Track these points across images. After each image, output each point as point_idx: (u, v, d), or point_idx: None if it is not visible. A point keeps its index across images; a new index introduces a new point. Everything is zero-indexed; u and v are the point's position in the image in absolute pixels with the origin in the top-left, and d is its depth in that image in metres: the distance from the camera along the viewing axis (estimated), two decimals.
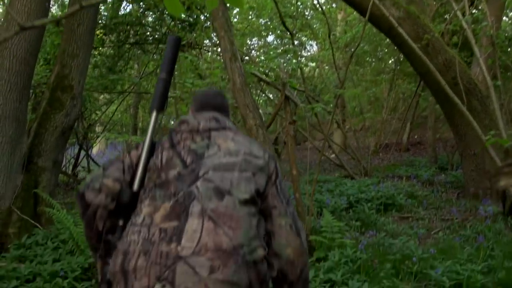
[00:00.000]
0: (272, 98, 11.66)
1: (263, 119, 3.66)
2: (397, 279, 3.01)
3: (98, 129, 11.71)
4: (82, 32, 5.35)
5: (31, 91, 5.72)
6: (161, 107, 1.45)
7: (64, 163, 11.22)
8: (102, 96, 12.28)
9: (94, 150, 19.02)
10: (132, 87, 11.11)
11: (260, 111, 3.43)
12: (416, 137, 14.22)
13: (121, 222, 1.31)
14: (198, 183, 1.25)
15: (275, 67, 4.07)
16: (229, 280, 1.09)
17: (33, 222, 4.44)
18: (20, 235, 4.29)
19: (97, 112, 11.10)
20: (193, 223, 1.16)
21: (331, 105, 9.87)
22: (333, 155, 9.94)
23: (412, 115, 12.82)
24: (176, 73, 6.60)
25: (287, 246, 1.28)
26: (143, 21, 9.03)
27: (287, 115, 3.74)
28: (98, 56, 9.28)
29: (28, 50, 4.67)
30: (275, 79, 4.84)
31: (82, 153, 10.79)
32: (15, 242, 4.04)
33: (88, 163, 10.80)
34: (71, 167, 10.88)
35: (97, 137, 11.29)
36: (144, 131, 14.20)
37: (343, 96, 10.64)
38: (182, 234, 1.14)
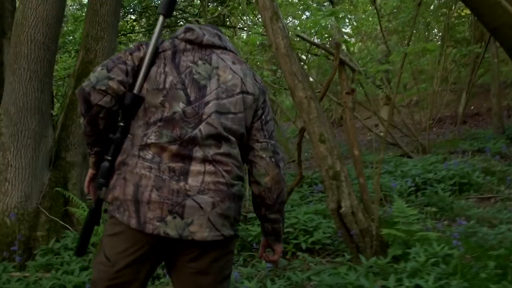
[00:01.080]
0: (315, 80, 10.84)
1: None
2: (507, 282, 2.31)
3: None
4: (105, 12, 4.86)
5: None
6: (168, 12, 1.46)
7: None
8: None
9: None
10: None
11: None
12: (472, 108, 12.98)
13: (122, 123, 1.39)
14: (201, 127, 1.33)
15: (322, 30, 3.42)
16: (224, 213, 1.32)
17: (63, 223, 4.04)
18: (49, 238, 3.90)
19: None
20: (196, 166, 1.31)
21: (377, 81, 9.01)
22: (382, 134, 9.11)
23: (468, 84, 11.65)
24: None
25: (266, 175, 1.43)
26: None
27: (343, 83, 3.07)
28: (129, 43, 8.88)
29: (47, 34, 4.22)
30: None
31: None
32: (42, 247, 3.64)
33: None
34: None
35: None
36: None
37: (387, 72, 9.72)
38: (188, 175, 1.30)
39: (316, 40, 4.53)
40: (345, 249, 3.34)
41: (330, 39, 2.73)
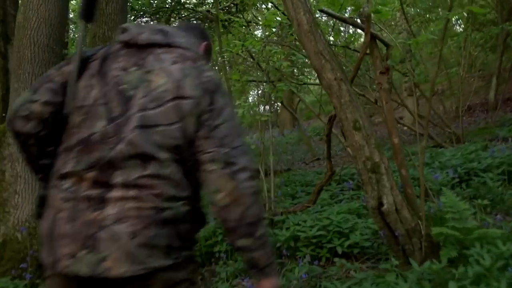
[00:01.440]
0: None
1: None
2: None
3: None
4: (111, 11, 4.61)
5: None
6: (87, 17, 1.32)
7: None
8: None
9: None
10: None
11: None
12: (504, 93, 12.29)
13: (51, 148, 1.26)
14: (121, 147, 1.14)
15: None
16: (150, 242, 1.10)
17: None
18: None
19: None
20: (117, 192, 1.12)
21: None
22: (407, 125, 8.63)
23: (498, 68, 11.01)
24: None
25: (218, 191, 1.16)
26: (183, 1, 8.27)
27: (376, 62, 2.68)
28: None
29: (50, 35, 3.98)
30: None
31: None
32: None
33: None
34: None
35: None
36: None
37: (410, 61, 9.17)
38: (106, 203, 1.11)
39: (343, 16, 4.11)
40: (387, 253, 2.95)
41: (361, 9, 2.35)
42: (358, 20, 2.84)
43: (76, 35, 9.57)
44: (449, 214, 2.60)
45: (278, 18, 3.63)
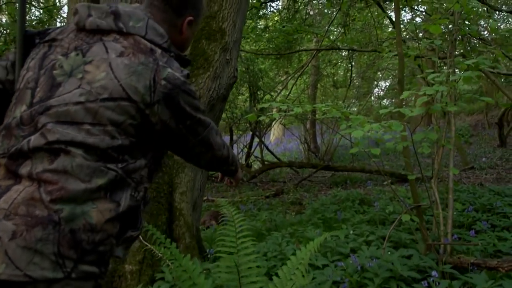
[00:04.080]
0: None
1: None
2: None
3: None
4: None
5: None
6: None
7: (235, 153, 10.08)
8: (277, 75, 10.68)
9: (272, 138, 18.11)
10: (309, 60, 9.11)
11: None
12: None
13: None
14: (33, 137, 1.06)
15: None
16: (31, 246, 0.98)
17: (163, 253, 2.70)
18: (141, 275, 2.59)
19: (272, 93, 9.51)
20: (19, 184, 1.04)
21: None
22: None
23: None
24: None
25: (200, 160, 1.36)
26: None
27: None
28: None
29: None
30: None
31: (256, 141, 9.32)
32: None
33: (262, 152, 9.26)
34: (244, 157, 9.58)
35: (272, 122, 9.67)
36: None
37: None
38: (3, 196, 1.02)
39: None
40: None
41: None
42: None
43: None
44: None
45: None
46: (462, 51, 4.34)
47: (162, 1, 1.24)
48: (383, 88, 16.94)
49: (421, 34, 6.10)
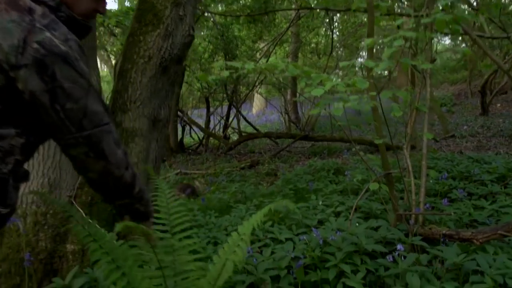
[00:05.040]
0: None
1: None
2: None
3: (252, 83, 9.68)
4: None
5: None
6: None
7: (212, 124, 9.77)
8: (255, 44, 10.27)
9: (254, 110, 17.76)
10: (288, 26, 8.72)
11: None
12: None
13: None
14: None
15: None
16: None
17: (112, 231, 2.44)
18: (84, 256, 2.34)
19: (249, 61, 9.14)
20: None
21: None
22: None
23: None
24: None
25: (88, 171, 1.18)
26: None
27: None
28: None
29: None
30: None
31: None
32: (58, 282, 2.09)
33: (239, 122, 8.98)
34: (221, 129, 9.29)
35: (249, 92, 9.36)
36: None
37: None
38: None
39: None
40: None
41: None
42: None
43: None
44: None
45: None
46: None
47: None
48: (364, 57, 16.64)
49: None
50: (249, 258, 2.03)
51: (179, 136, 9.12)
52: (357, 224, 2.47)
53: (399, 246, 1.78)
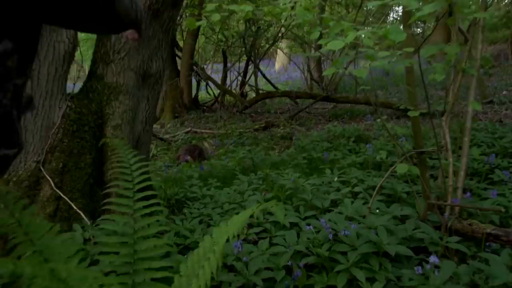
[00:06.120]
0: None
1: None
2: None
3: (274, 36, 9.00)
4: None
5: None
6: None
7: (229, 81, 9.24)
8: None
9: (276, 66, 17.02)
10: None
11: None
12: None
13: None
14: None
15: None
16: None
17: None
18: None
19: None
20: None
21: None
22: None
23: None
24: None
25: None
26: None
27: None
28: None
29: None
30: None
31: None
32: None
33: (256, 79, 8.43)
34: (238, 86, 8.78)
35: (269, 47, 8.72)
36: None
37: None
38: None
39: None
40: None
41: None
42: None
43: None
44: None
45: None
46: None
47: None
48: (400, 12, 15.56)
49: None
50: (239, 253, 1.64)
51: (194, 92, 8.69)
52: (377, 211, 2.04)
53: (432, 258, 1.34)
